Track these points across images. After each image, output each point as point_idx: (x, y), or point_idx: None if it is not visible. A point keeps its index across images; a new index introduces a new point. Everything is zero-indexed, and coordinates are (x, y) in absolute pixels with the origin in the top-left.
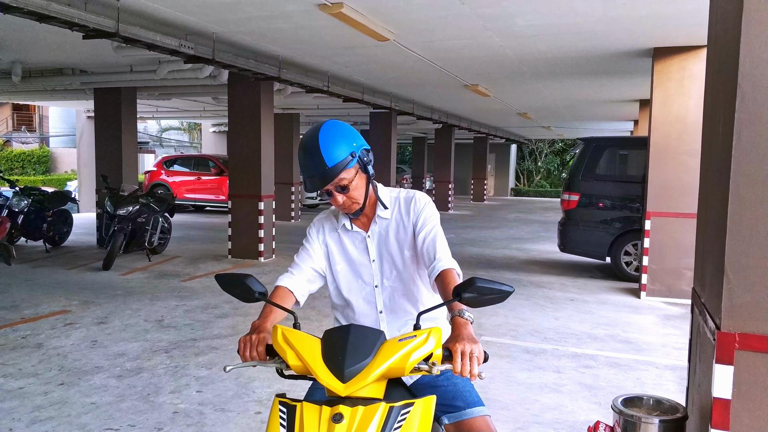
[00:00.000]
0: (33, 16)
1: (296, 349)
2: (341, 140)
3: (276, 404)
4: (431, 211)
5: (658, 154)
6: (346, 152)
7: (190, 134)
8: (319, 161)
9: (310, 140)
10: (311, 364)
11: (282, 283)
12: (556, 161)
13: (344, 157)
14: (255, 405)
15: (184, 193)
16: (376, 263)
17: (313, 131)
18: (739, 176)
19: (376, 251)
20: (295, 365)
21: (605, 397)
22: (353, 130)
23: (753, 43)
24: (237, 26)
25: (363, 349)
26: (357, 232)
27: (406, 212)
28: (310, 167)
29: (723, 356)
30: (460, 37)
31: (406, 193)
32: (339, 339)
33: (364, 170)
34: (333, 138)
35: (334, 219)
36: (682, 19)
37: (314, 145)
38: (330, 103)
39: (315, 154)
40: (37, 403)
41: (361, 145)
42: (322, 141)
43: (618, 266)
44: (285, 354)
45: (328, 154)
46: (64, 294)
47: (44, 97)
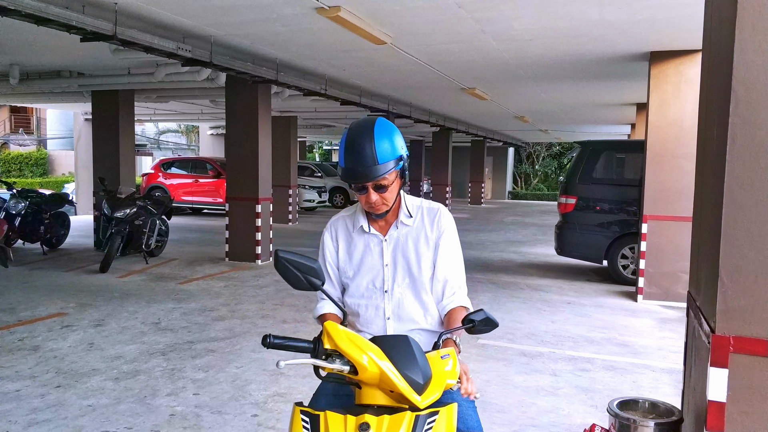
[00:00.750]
0: (31, 18)
1: (373, 356)
2: (395, 141)
3: (297, 414)
4: (453, 233)
5: (655, 157)
6: (396, 154)
7: (187, 137)
8: (370, 155)
9: (365, 131)
10: (392, 374)
11: (324, 311)
12: (554, 164)
13: (394, 158)
14: (252, 408)
15: (181, 195)
16: (389, 268)
17: (368, 124)
18: (734, 179)
19: (390, 256)
20: (372, 374)
21: (601, 400)
22: (399, 133)
23: (747, 49)
24: (235, 29)
25: (425, 362)
26: (374, 235)
27: (430, 224)
28: (359, 159)
29: (718, 359)
30: (457, 41)
31: (430, 204)
32: (405, 350)
33: (402, 176)
34: (388, 136)
35: (348, 221)
36: (678, 23)
37: (369, 138)
38: (327, 106)
39: (367, 147)
40: (34, 405)
41: (406, 151)
42: (377, 136)
43: (615, 269)
44: (357, 357)
45: (381, 151)
46: (61, 296)
47: (42, 100)
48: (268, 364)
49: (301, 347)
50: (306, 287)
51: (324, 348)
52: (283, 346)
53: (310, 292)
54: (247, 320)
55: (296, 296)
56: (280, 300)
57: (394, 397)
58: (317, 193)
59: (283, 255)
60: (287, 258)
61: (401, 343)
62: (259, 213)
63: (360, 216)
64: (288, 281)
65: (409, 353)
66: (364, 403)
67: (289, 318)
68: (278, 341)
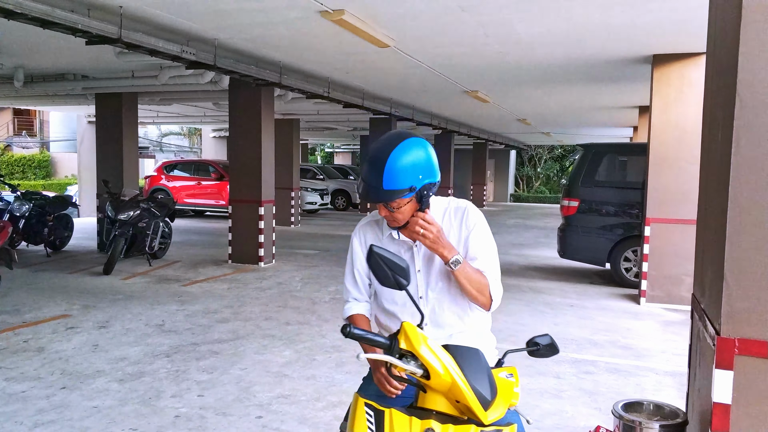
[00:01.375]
0: (37, 22)
1: (448, 365)
2: (408, 170)
3: (361, 406)
4: (484, 228)
5: (658, 160)
6: (406, 183)
7: (190, 139)
8: (377, 178)
9: (380, 154)
10: (464, 386)
11: (356, 312)
12: (556, 167)
13: (402, 188)
14: (256, 409)
15: (184, 197)
16: (422, 274)
17: (388, 146)
18: (739, 182)
19: (422, 261)
20: (443, 382)
21: (605, 403)
22: (428, 159)
23: (751, 52)
24: (238, 32)
25: (492, 379)
26: (404, 242)
27: (458, 224)
28: (368, 178)
29: (723, 361)
30: (459, 44)
31: (457, 203)
32: (477, 364)
33: (419, 201)
34: (406, 164)
35: (377, 227)
36: (681, 26)
37: (381, 161)
38: (330, 108)
39: (377, 170)
40: (40, 406)
41: (426, 180)
42: (390, 162)
43: (618, 272)
44: (433, 363)
45: (389, 177)
46: (65, 298)
47: (46, 102)
48: (272, 366)
49: (378, 342)
50: (392, 285)
51: (399, 347)
52: (361, 337)
53: (313, 295)
54: (251, 322)
55: (299, 298)
56: (283, 302)
57: (458, 407)
58: (319, 195)
59: (376, 250)
60: (380, 254)
61: (473, 356)
62: (262, 215)
63: (386, 223)
64: (376, 275)
65: (480, 368)
66: (425, 407)
67: (293, 320)
68: (358, 332)
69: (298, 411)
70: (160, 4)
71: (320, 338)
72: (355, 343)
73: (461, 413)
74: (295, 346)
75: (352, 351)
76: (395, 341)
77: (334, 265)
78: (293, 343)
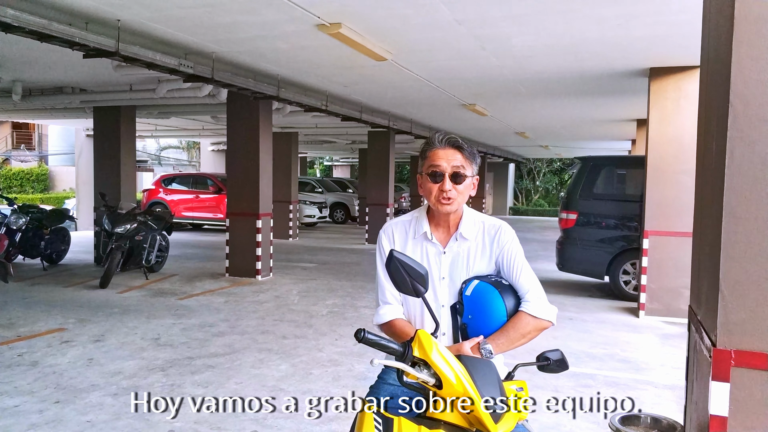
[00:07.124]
0: (34, 35)
1: (461, 377)
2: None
3: (370, 414)
4: (518, 248)
5: (656, 173)
6: (477, 160)
7: (188, 153)
8: (455, 138)
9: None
10: (477, 399)
11: (393, 317)
12: (554, 180)
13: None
14: (251, 423)
15: (182, 211)
16: (445, 282)
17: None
18: (733, 193)
19: (448, 270)
20: (455, 393)
21: (603, 416)
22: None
23: (744, 64)
24: (236, 46)
25: (504, 393)
26: (435, 244)
27: (489, 241)
28: (453, 138)
29: (719, 373)
30: (457, 57)
31: (492, 221)
32: (490, 377)
33: (473, 187)
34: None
35: (408, 226)
36: (677, 39)
37: (460, 140)
38: (328, 122)
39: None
40: (33, 421)
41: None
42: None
43: (616, 285)
44: (446, 373)
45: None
46: (60, 312)
47: (44, 116)
48: (268, 380)
49: (391, 349)
50: (409, 291)
51: (412, 355)
52: (374, 343)
53: (310, 309)
54: (247, 336)
55: (296, 312)
56: (280, 316)
57: (468, 418)
58: (318, 208)
59: (396, 255)
60: (400, 259)
61: (486, 368)
62: (260, 228)
63: (423, 221)
64: (393, 281)
65: (493, 381)
66: (434, 417)
67: (289, 334)
68: (371, 338)
69: (294, 426)
70: (157, 17)
71: (317, 352)
72: (349, 354)
73: (471, 425)
74: (291, 360)
75: (348, 365)
76: (409, 348)
77: (332, 279)
78: (290, 357)
